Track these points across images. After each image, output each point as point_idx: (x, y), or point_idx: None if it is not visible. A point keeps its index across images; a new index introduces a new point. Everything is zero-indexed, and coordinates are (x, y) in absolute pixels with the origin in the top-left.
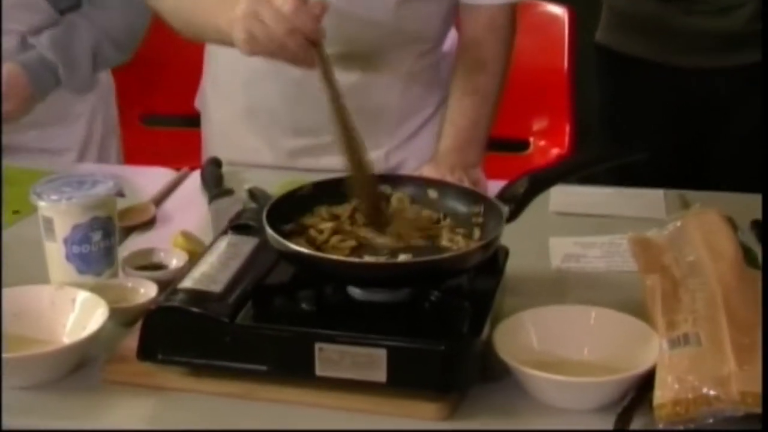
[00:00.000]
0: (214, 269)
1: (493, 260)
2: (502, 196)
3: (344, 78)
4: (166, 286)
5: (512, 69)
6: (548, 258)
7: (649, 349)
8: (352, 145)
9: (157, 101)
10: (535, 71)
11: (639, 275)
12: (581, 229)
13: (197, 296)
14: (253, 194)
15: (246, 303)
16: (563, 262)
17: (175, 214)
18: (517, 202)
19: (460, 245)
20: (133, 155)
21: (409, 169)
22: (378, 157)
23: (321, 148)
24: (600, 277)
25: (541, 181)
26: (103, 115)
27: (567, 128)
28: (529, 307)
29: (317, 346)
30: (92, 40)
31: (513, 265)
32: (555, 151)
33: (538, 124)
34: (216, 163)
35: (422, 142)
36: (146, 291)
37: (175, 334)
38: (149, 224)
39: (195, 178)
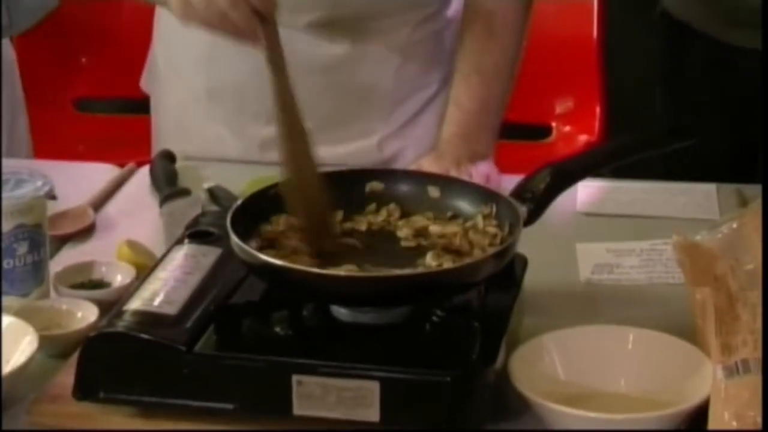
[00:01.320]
0: (167, 287)
1: (509, 272)
2: (519, 193)
3: (329, 50)
4: (110, 307)
5: (530, 39)
6: (576, 268)
7: (701, 378)
8: (298, 154)
9: (93, 82)
10: (558, 42)
11: (686, 288)
12: (615, 233)
13: (147, 320)
14: (213, 195)
15: (207, 327)
16: (594, 274)
17: (118, 219)
18: (537, 200)
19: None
20: (66, 148)
21: (406, 161)
22: (369, 146)
23: None
24: (639, 291)
25: (566, 174)
26: (9, 91)
27: (597, 111)
28: (553, 328)
29: (295, 378)
30: None
31: (533, 278)
32: (582, 139)
33: (561, 107)
34: (168, 157)
35: (422, 128)
36: (84, 314)
37: (121, 366)
38: (87, 232)
39: (143, 176)
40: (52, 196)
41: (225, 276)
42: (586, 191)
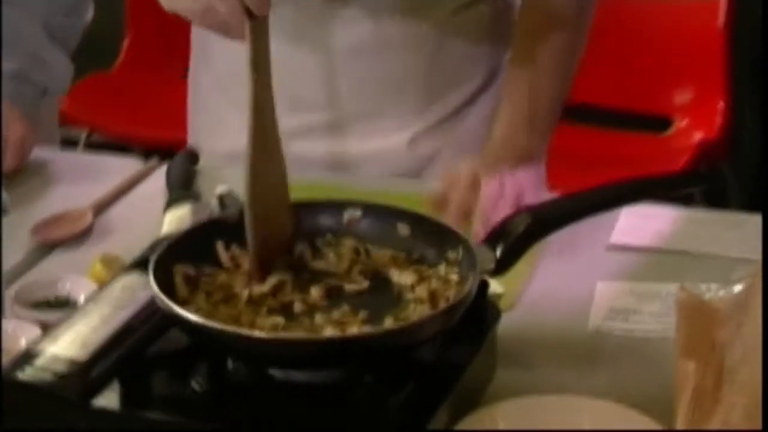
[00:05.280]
0: (90, 325)
1: (477, 323)
2: (493, 236)
3: (354, 31)
4: None
5: (650, 25)
6: (587, 312)
7: None
8: (267, 166)
9: None
10: (683, 30)
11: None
12: (648, 270)
13: (52, 365)
14: (223, 201)
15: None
16: (605, 320)
17: (119, 224)
18: (509, 247)
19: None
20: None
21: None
22: (399, 144)
23: (322, 129)
24: (647, 345)
25: (549, 221)
26: None
27: (720, 105)
28: (530, 387)
29: None
30: (28, 18)
31: (534, 321)
32: (699, 136)
33: (681, 97)
34: (190, 156)
35: (463, 127)
36: (28, 338)
37: (18, 414)
38: (81, 238)
39: (162, 175)
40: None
41: (159, 314)
42: (627, 219)
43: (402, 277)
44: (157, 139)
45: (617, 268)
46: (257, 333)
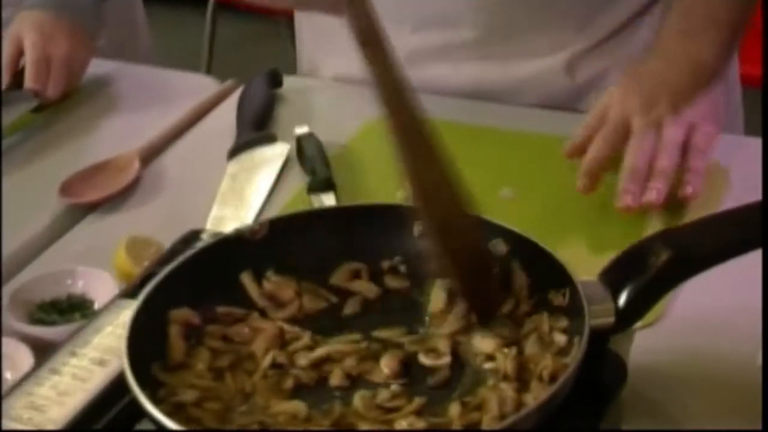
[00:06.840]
0: (55, 391)
1: (592, 391)
2: (614, 274)
3: None
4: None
5: None
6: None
7: None
8: (423, 161)
9: None
10: None
11: None
12: None
13: None
14: (301, 145)
15: None
16: None
17: (175, 172)
18: (636, 292)
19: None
20: None
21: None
22: (554, 66)
23: (454, 48)
24: None
25: (696, 258)
26: None
27: None
28: None
29: None
30: None
31: (681, 350)
32: None
33: None
34: (272, 78)
35: (636, 42)
36: (17, 361)
37: None
38: (123, 194)
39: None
40: None
41: None
42: None
43: (483, 343)
44: None
45: None
46: None
